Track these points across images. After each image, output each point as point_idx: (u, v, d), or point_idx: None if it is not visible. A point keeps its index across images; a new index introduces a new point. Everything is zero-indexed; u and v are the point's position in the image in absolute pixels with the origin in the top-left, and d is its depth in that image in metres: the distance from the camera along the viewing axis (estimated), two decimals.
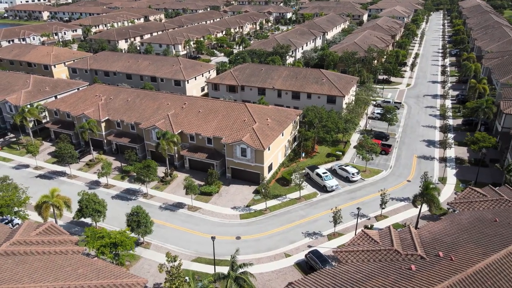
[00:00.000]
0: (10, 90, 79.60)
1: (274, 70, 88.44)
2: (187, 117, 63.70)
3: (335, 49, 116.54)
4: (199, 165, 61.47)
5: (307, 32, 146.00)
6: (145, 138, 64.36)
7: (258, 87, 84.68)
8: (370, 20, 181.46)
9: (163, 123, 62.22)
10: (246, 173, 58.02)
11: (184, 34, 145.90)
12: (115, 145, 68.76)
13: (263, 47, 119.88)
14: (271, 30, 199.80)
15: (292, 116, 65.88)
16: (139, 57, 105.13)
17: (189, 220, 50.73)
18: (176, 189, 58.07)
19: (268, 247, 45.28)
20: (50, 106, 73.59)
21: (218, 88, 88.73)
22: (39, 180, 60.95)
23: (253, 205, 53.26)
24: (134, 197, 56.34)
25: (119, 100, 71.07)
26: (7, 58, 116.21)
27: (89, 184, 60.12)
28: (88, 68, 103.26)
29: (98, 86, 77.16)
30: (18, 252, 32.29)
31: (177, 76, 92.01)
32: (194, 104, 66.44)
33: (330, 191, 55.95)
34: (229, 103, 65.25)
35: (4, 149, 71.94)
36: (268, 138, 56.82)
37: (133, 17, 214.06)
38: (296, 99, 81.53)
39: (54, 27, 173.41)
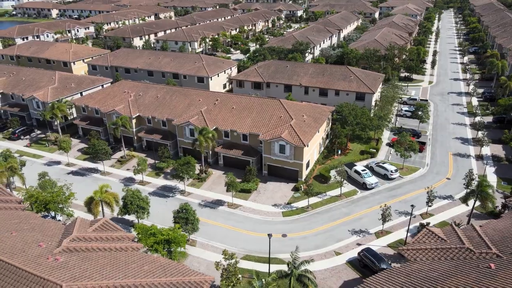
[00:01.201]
0: (36, 87, 78.98)
1: (299, 67, 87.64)
2: (221, 114, 62.97)
3: (354, 46, 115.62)
4: (234, 162, 60.73)
5: (323, 29, 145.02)
6: (178, 135, 63.66)
7: (285, 84, 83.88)
8: (384, 18, 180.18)
9: (196, 119, 61.50)
10: (284, 170, 57.26)
11: (200, 31, 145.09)
12: (145, 141, 68.09)
13: (281, 45, 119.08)
14: (283, 28, 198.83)
15: (326, 112, 65.10)
16: (160, 54, 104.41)
17: (231, 217, 50.04)
18: (212, 186, 57.38)
19: (316, 245, 44.56)
20: (78, 103, 72.99)
21: (243, 85, 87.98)
22: (72, 177, 60.28)
23: (294, 203, 52.54)
24: (172, 194, 55.69)
25: (148, 97, 70.37)
26: (26, 55, 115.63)
27: (124, 181, 59.49)
28: (108, 65, 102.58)
29: (125, 82, 76.48)
30: (80, 248, 31.69)
31: (200, 73, 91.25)
32: (227, 100, 65.69)
33: (369, 189, 55.19)
34: (263, 100, 64.51)
35: (32, 145, 71.37)
36: (307, 135, 56.06)
37: (144, 15, 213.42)
38: (324, 96, 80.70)
39: (67, 25, 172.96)
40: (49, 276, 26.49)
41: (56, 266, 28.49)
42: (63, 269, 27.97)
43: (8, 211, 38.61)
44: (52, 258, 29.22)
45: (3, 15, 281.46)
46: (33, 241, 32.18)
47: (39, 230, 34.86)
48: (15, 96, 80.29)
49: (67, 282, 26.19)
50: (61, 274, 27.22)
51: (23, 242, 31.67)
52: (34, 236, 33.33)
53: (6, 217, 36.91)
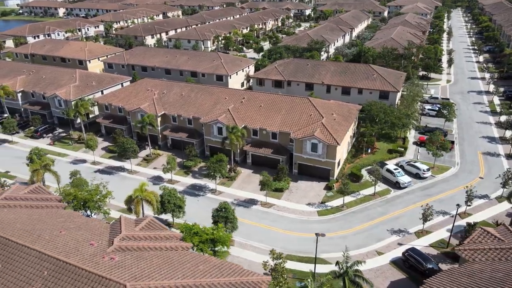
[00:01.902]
0: (57, 85, 78.43)
1: (320, 65, 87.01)
2: (249, 112, 62.34)
3: (370, 45, 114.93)
4: (263, 161, 60.11)
5: (336, 28, 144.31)
6: (205, 133, 63.05)
7: (306, 82, 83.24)
8: (395, 17, 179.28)
9: (225, 117, 60.88)
10: (315, 169, 56.62)
11: (212, 30, 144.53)
12: (171, 140, 67.48)
13: (296, 43, 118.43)
14: (293, 26, 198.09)
15: (354, 111, 64.47)
16: (176, 52, 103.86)
17: (266, 216, 49.45)
18: (242, 185, 56.79)
19: (356, 244, 43.94)
20: (101, 101, 72.43)
21: (263, 83, 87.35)
22: (100, 175, 59.62)
23: (328, 202, 51.94)
24: (202, 192, 55.11)
25: (173, 95, 69.79)
26: (40, 54, 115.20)
27: (152, 179, 58.91)
28: (125, 63, 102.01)
29: (148, 80, 75.86)
30: (131, 247, 31.15)
31: (219, 71, 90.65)
32: (253, 98, 65.09)
33: (403, 188, 54.54)
34: (291, 98, 63.85)
35: (56, 144, 70.84)
36: (339, 133, 55.43)
37: (152, 14, 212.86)
38: (346, 94, 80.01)
39: (78, 23, 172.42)
40: (110, 276, 25.95)
41: (114, 266, 27.94)
42: (121, 269, 27.41)
43: (50, 209, 38.12)
44: (107, 257, 28.67)
45: (10, 14, 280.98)
46: (83, 240, 31.64)
47: (85, 229, 34.34)
48: (36, 94, 79.76)
49: (130, 282, 25.61)
50: (121, 273, 26.65)
51: (75, 241, 31.15)
52: (83, 235, 32.80)
53: (50, 215, 36.43)
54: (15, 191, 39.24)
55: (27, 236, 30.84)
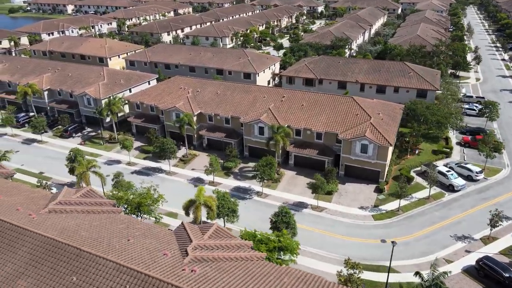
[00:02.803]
0: (85, 83, 76.33)
1: (353, 63, 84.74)
2: (291, 111, 60.16)
3: (396, 42, 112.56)
4: (306, 162, 57.97)
5: (355, 25, 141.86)
6: (245, 133, 60.89)
7: (339, 80, 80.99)
8: (413, 13, 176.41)
9: (266, 117, 58.71)
10: (363, 170, 54.45)
11: (229, 27, 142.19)
12: (207, 140, 65.34)
13: (319, 41, 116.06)
14: (307, 23, 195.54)
15: (398, 110, 62.28)
16: (200, 49, 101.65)
17: (319, 221, 47.34)
18: (288, 187, 54.67)
19: (421, 251, 41.84)
20: (132, 99, 70.31)
21: (293, 81, 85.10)
22: (137, 177, 57.58)
23: (381, 205, 49.81)
24: (248, 196, 52.99)
25: (207, 93, 67.63)
26: (59, 51, 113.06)
27: (192, 181, 56.82)
28: (147, 61, 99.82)
29: (180, 78, 73.66)
30: (207, 258, 29.13)
31: (246, 68, 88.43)
32: (294, 97, 62.87)
33: (457, 191, 52.35)
34: (334, 96, 61.62)
35: (87, 143, 68.77)
36: (389, 134, 53.25)
37: (164, 11, 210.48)
38: (381, 93, 77.70)
39: (91, 20, 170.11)
40: None
41: (198, 279, 25.91)
42: (209, 283, 25.41)
43: (108, 215, 36.10)
44: (188, 269, 26.65)
45: (17, 11, 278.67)
46: (154, 249, 29.66)
47: (151, 236, 32.36)
48: (63, 93, 77.67)
49: None
50: None
51: (147, 251, 29.14)
52: (151, 243, 30.81)
53: (111, 221, 34.42)
54: (67, 195, 37.31)
55: (97, 245, 28.84)
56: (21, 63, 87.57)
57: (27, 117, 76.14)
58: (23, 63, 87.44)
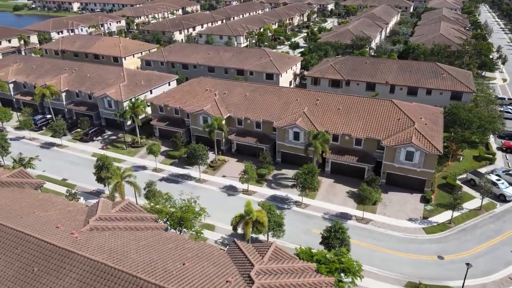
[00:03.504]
0: (105, 84, 73.31)
1: (381, 63, 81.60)
2: (326, 115, 57.13)
3: (416, 41, 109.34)
4: (344, 169, 54.94)
5: (372, 24, 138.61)
6: (278, 138, 57.84)
7: (367, 81, 77.86)
8: (428, 12, 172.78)
9: (301, 121, 55.70)
10: (407, 179, 51.37)
11: (243, 25, 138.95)
12: (235, 145, 62.33)
13: (338, 39, 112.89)
14: (319, 22, 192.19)
15: (438, 114, 59.13)
16: (219, 49, 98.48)
17: (367, 234, 44.32)
18: (328, 196, 51.66)
19: (484, 270, 38.83)
20: (156, 101, 67.29)
21: (318, 82, 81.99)
22: (166, 184, 54.66)
23: (430, 217, 46.82)
24: (286, 205, 49.98)
25: (236, 95, 64.60)
26: (71, 50, 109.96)
27: (224, 189, 53.86)
28: (164, 60, 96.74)
29: (205, 79, 70.55)
30: (274, 285, 26.32)
31: (269, 69, 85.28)
32: (328, 100, 59.81)
33: (508, 201, 49.32)
34: (371, 100, 58.57)
35: (108, 148, 65.80)
36: (437, 140, 50.17)
37: (173, 8, 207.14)
38: (412, 95, 74.54)
39: (100, 18, 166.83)
40: None
41: None
42: None
43: (153, 232, 33.22)
44: None
45: (22, 8, 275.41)
46: (213, 275, 26.83)
47: (205, 258, 29.51)
48: (81, 94, 74.66)
49: None
50: None
51: (206, 277, 26.28)
52: (209, 267, 27.95)
53: (158, 241, 31.55)
54: (105, 209, 34.46)
55: (152, 271, 25.94)
56: (36, 63, 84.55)
57: (44, 120, 73.14)
58: (38, 63, 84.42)
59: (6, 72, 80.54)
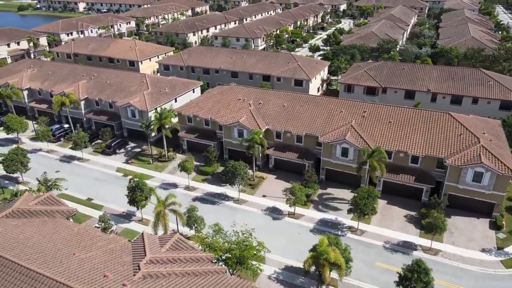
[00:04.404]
0: (127, 92, 68.29)
1: (419, 69, 76.44)
2: (377, 129, 52.03)
3: (445, 44, 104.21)
4: (398, 189, 49.85)
5: (394, 25, 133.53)
6: (324, 154, 52.77)
7: (406, 89, 72.74)
8: (449, 12, 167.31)
9: (351, 136, 50.65)
10: (473, 202, 46.26)
11: (260, 27, 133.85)
12: (273, 160, 57.28)
13: (362, 42, 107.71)
14: (333, 23, 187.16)
15: (497, 127, 54.04)
16: (242, 53, 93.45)
17: (439, 268, 38.90)
18: (383, 221, 46.46)
19: None
20: (185, 112, 62.19)
21: (352, 89, 76.88)
22: (202, 206, 49.37)
23: (506, 247, 41.74)
24: (339, 231, 44.90)
25: (272, 106, 59.55)
26: (84, 53, 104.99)
27: (267, 212, 48.77)
28: (184, 65, 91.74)
29: (236, 88, 65.43)
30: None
31: (298, 75, 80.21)
32: (376, 112, 54.70)
33: None
34: (426, 112, 53.37)
35: (133, 162, 60.80)
36: (506, 159, 45.07)
37: (182, 9, 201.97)
38: (456, 104, 69.46)
39: (110, 19, 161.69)
40: None
41: None
42: None
43: (213, 278, 28.31)
44: None
45: (27, 9, 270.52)
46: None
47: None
48: (101, 103, 69.65)
49: None
50: None
51: None
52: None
53: None
54: (153, 247, 29.66)
55: None
56: (52, 69, 79.51)
57: (63, 130, 68.14)
58: (54, 69, 79.36)
59: (20, 78, 75.54)
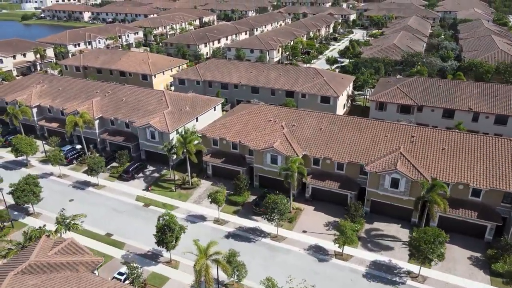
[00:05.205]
0: (145, 111, 63.06)
1: (457, 86, 71.24)
2: (430, 157, 46.57)
3: (473, 57, 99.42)
4: (459, 227, 44.18)
5: (413, 37, 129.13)
6: (370, 185, 47.26)
7: (444, 107, 67.55)
8: (465, 23, 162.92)
9: (402, 165, 45.24)
10: None
11: (274, 38, 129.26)
12: (311, 189, 51.78)
13: (385, 55, 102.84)
14: (344, 34, 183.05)
15: None
16: (263, 67, 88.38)
17: None
18: (446, 264, 40.67)
19: None
20: (210, 134, 56.89)
21: (384, 107, 71.65)
22: (236, 244, 43.84)
23: None
24: (397, 277, 39.32)
25: (307, 128, 54.23)
26: (94, 66, 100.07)
27: (311, 251, 43.07)
28: (201, 79, 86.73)
29: (265, 107, 60.04)
30: None
31: (325, 91, 75.02)
32: (426, 136, 49.27)
33: None
34: (483, 137, 47.93)
35: (154, 189, 55.31)
36: None
37: (190, 19, 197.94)
38: (501, 124, 64.17)
39: (117, 30, 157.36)
40: None
41: None
42: None
43: None
44: None
45: (30, 18, 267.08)
46: None
47: None
48: (117, 122, 64.43)
49: None
50: None
51: None
52: None
53: None
54: None
55: None
56: (62, 84, 74.32)
57: (75, 152, 62.71)
58: (65, 84, 74.15)
59: (29, 95, 70.36)
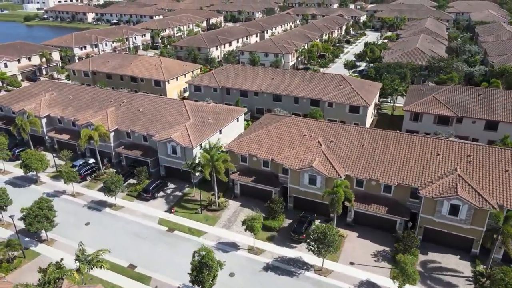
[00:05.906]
0: (164, 122, 58.02)
1: (497, 94, 66.07)
2: (492, 179, 41.55)
3: (502, 62, 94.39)
4: None
5: (434, 40, 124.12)
6: (424, 211, 42.04)
7: (487, 119, 62.51)
8: (483, 25, 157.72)
9: (462, 189, 40.19)
10: None
11: (288, 41, 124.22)
12: (353, 213, 46.71)
13: (408, 60, 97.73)
14: (357, 36, 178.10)
15: None
16: (284, 73, 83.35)
17: None
18: None
19: None
20: (238, 150, 51.78)
21: (420, 118, 66.53)
22: (278, 279, 38.88)
23: None
24: None
25: (346, 144, 49.12)
26: (104, 71, 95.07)
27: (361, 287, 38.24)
28: (218, 86, 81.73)
29: (297, 120, 54.71)
30: None
31: (354, 100, 69.99)
32: (484, 155, 44.21)
33: None
34: None
35: (177, 211, 50.24)
36: None
37: (198, 20, 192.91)
38: None
39: (124, 32, 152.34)
40: None
41: None
42: None
43: None
44: None
45: (33, 19, 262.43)
46: None
47: None
48: (134, 135, 59.43)
49: None
50: None
51: None
52: None
53: None
54: None
55: None
56: (73, 92, 69.26)
57: (89, 168, 57.68)
58: (76, 93, 69.09)
59: (38, 104, 65.37)
